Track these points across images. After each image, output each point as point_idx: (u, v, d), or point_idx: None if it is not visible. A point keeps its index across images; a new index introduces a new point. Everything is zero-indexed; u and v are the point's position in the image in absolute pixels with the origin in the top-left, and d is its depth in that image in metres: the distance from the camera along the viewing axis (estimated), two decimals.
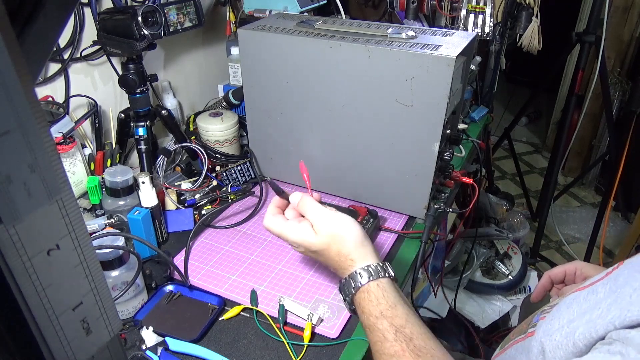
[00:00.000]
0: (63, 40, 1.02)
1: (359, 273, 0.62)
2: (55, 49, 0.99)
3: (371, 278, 0.61)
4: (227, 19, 1.34)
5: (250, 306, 0.78)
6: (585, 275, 0.78)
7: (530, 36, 1.52)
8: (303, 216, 0.70)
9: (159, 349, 0.70)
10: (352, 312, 0.65)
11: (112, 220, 0.89)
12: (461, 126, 1.29)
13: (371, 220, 0.94)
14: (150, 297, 0.79)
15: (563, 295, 0.65)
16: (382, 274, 0.62)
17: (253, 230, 0.97)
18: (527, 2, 1.48)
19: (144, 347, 0.70)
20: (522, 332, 0.62)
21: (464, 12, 1.33)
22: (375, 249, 0.67)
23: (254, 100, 1.04)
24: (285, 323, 0.75)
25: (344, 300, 0.64)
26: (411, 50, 0.84)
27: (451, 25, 1.40)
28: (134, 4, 1.14)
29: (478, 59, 1.47)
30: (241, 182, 1.09)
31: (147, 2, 1.14)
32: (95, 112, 1.08)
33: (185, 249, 0.89)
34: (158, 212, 0.90)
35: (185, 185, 1.07)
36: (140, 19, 0.95)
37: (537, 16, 1.50)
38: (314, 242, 0.66)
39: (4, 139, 0.20)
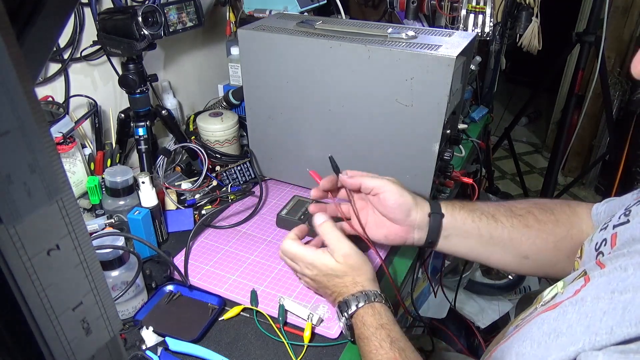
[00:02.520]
0: (63, 40, 1.02)
1: (369, 293, 0.67)
2: (55, 49, 0.99)
3: (378, 299, 0.67)
4: (227, 19, 1.34)
5: (250, 306, 0.78)
6: (386, 203, 0.72)
7: (530, 36, 1.52)
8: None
9: (159, 349, 0.70)
10: (347, 327, 0.68)
11: (112, 220, 0.89)
12: (461, 126, 1.29)
13: None
14: (150, 297, 0.79)
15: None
16: (386, 301, 0.68)
17: (253, 230, 0.97)
18: (527, 2, 1.48)
19: (144, 347, 0.70)
20: (497, 343, 0.62)
21: (464, 12, 1.33)
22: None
23: (254, 100, 1.04)
24: (285, 323, 0.75)
25: (343, 313, 0.68)
26: (411, 50, 0.84)
27: (451, 25, 1.40)
28: (134, 4, 1.14)
29: (478, 59, 1.47)
30: (241, 182, 1.09)
31: (147, 2, 1.14)
32: (95, 112, 1.08)
33: (185, 249, 0.89)
34: (158, 212, 0.90)
35: (185, 185, 1.07)
36: (140, 19, 0.95)
37: (537, 16, 1.50)
38: (332, 266, 0.70)
39: (4, 139, 0.19)
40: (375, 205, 0.76)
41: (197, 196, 1.04)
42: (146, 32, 0.96)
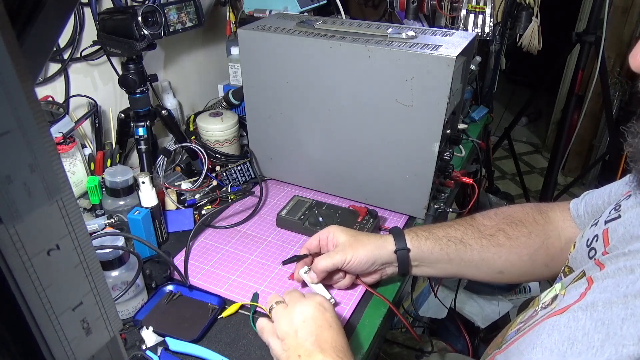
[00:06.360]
0: (63, 40, 1.02)
1: None
2: (55, 49, 0.99)
3: None
4: (227, 19, 1.34)
5: (249, 302, 0.77)
6: (337, 242, 0.77)
7: (530, 36, 1.52)
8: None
9: (159, 349, 0.70)
10: None
11: (112, 220, 0.89)
12: (461, 126, 1.29)
13: (371, 220, 0.94)
14: (150, 297, 0.79)
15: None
16: None
17: (253, 230, 0.97)
18: (527, 2, 1.48)
19: (144, 347, 0.70)
20: (497, 347, 0.62)
21: (464, 12, 1.33)
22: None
23: (254, 100, 1.04)
24: None
25: None
26: (411, 50, 0.84)
27: (451, 25, 1.40)
28: (134, 4, 1.14)
29: (478, 59, 1.48)
30: (241, 182, 1.09)
31: (147, 2, 1.14)
32: (95, 112, 1.08)
33: (185, 249, 0.89)
34: (158, 212, 0.90)
35: (185, 185, 1.07)
36: (140, 19, 0.95)
37: (537, 16, 1.50)
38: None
39: (4, 139, 0.20)
40: (347, 271, 0.79)
41: (197, 196, 1.04)
42: (146, 32, 0.96)
